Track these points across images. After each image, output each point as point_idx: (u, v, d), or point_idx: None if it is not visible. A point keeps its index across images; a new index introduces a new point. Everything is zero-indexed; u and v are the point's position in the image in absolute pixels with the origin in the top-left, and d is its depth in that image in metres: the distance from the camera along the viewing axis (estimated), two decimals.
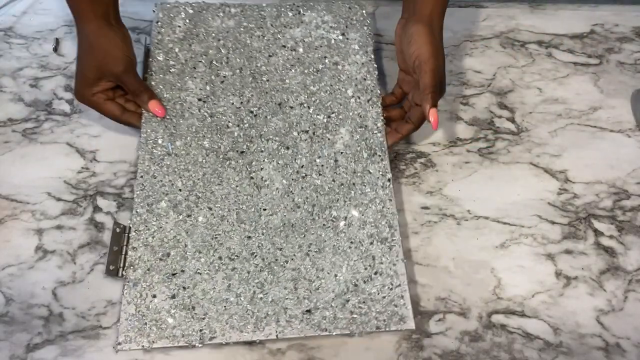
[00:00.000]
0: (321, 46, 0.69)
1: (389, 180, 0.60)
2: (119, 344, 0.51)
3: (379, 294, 0.54)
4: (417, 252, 0.60)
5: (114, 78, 0.60)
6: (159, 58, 0.67)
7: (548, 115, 0.70)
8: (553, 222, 0.62)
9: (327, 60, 0.67)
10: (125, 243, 0.56)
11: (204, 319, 0.52)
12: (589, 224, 0.62)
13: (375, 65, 0.68)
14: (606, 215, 0.62)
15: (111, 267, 0.54)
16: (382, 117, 0.63)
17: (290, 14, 0.71)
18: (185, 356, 0.54)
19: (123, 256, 0.55)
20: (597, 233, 0.61)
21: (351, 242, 0.56)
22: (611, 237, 0.61)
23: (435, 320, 0.56)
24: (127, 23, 0.79)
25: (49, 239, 0.61)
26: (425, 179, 0.65)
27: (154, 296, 0.53)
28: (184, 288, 0.53)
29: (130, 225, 0.56)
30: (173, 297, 0.53)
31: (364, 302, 0.53)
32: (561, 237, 0.61)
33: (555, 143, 0.67)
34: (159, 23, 0.70)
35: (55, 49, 0.76)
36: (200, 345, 0.52)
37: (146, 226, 0.56)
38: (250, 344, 0.55)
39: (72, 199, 0.64)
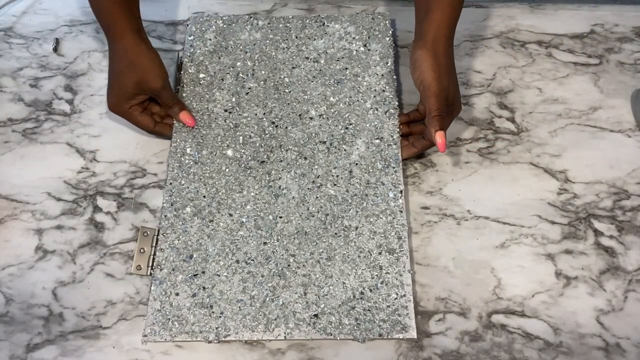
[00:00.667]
0: (343, 57, 0.70)
1: (401, 192, 0.61)
2: (145, 335, 0.54)
3: (384, 302, 0.55)
4: (417, 252, 0.60)
5: (152, 93, 0.63)
6: (190, 71, 0.70)
7: (548, 115, 0.70)
8: (553, 222, 0.62)
9: (347, 72, 0.69)
10: (153, 244, 0.59)
11: (220, 317, 0.55)
12: (589, 224, 0.62)
13: (395, 77, 0.69)
14: (606, 215, 0.62)
15: (139, 267, 0.58)
16: (398, 129, 0.65)
17: (315, 26, 0.73)
18: (185, 356, 0.54)
19: (151, 256, 0.59)
20: (597, 233, 0.61)
21: (360, 252, 0.58)
22: (611, 237, 0.61)
23: (435, 320, 0.56)
24: None
25: (49, 239, 0.61)
26: (425, 179, 0.65)
27: (177, 294, 0.56)
28: (204, 288, 0.56)
29: (159, 229, 0.60)
30: (194, 295, 0.56)
31: (369, 309, 0.55)
32: (561, 237, 0.61)
33: (555, 143, 0.67)
34: (192, 37, 0.73)
35: (55, 49, 0.76)
36: (215, 342, 0.54)
37: (173, 230, 0.60)
38: (250, 343, 0.55)
39: (72, 199, 0.64)
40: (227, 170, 0.63)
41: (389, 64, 0.69)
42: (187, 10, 0.81)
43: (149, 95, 0.64)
